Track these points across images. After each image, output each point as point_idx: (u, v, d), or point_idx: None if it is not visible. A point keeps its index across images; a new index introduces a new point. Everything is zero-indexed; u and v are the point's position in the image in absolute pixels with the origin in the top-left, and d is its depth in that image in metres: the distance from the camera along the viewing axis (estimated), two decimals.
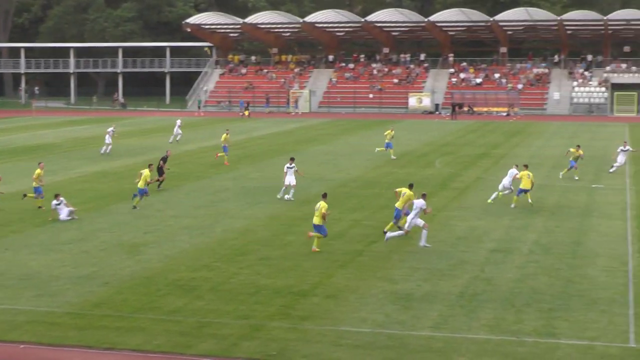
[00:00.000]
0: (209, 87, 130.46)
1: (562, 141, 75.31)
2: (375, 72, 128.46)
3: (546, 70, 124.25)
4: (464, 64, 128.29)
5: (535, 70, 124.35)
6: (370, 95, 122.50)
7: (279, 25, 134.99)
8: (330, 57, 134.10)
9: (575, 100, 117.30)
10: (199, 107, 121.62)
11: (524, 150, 67.73)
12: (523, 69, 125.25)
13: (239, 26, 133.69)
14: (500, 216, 39.02)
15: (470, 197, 44.90)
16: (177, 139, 73.67)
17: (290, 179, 43.78)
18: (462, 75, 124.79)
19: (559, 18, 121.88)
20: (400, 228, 33.93)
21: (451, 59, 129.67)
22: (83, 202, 42.58)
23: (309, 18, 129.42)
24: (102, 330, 22.92)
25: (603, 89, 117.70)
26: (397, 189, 35.10)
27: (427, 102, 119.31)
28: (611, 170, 53.14)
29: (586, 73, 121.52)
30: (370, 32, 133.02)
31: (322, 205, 32.49)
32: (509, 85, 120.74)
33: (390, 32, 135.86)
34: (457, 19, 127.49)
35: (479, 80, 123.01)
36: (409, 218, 33.18)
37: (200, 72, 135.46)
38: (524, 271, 29.31)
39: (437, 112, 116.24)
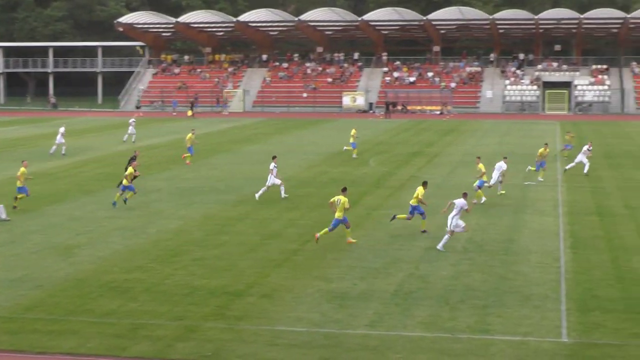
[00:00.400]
0: (142, 87, 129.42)
1: (494, 139, 76.10)
2: (309, 71, 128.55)
3: (479, 69, 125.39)
4: (398, 62, 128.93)
5: (468, 69, 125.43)
6: (304, 95, 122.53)
7: (212, 25, 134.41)
8: (264, 57, 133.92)
9: (507, 98, 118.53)
10: (137, 107, 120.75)
11: (457, 149, 68.24)
12: (456, 68, 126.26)
13: (171, 25, 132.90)
14: (434, 214, 39.12)
15: (404, 195, 44.98)
16: (133, 139, 72.72)
17: (274, 179, 43.69)
18: (395, 74, 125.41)
19: (491, 17, 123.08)
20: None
21: (385, 58, 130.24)
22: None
23: (243, 17, 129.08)
24: (34, 334, 22.58)
25: (535, 87, 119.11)
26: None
27: (361, 101, 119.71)
28: (585, 171, 52.22)
29: (518, 72, 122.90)
30: (304, 31, 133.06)
31: (342, 200, 32.88)
32: (442, 83, 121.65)
33: (323, 31, 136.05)
34: (390, 18, 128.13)
35: (412, 79, 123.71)
36: (450, 217, 32.42)
37: (133, 71, 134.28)
38: (458, 268, 29.51)
39: (371, 111, 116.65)
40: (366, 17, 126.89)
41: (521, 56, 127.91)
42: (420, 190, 34.64)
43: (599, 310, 24.67)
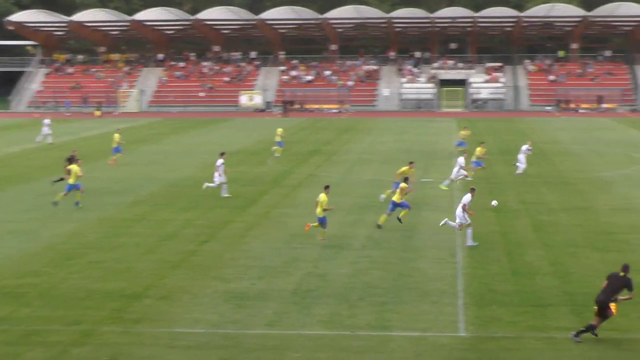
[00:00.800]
0: (34, 87, 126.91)
1: (391, 137, 76.67)
2: (205, 70, 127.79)
3: (376, 67, 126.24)
4: (295, 61, 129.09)
5: (365, 68, 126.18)
6: (202, 94, 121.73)
7: (106, 24, 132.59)
8: (160, 56, 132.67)
9: (404, 96, 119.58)
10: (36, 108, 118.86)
11: (354, 147, 68.52)
12: (353, 66, 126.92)
13: (64, 24, 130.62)
14: (331, 212, 39.21)
15: (302, 194, 45.05)
16: (48, 140, 71.04)
17: (220, 177, 43.76)
18: (293, 73, 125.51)
19: (387, 16, 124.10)
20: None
21: (282, 56, 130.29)
22: None
23: (138, 16, 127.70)
24: None
25: (431, 85, 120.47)
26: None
27: (258, 100, 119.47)
28: (518, 172, 51.99)
29: (415, 70, 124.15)
30: (201, 30, 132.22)
31: (322, 198, 33.22)
32: (340, 82, 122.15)
33: (220, 30, 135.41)
34: (287, 17, 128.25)
35: (309, 78, 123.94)
36: (458, 213, 33.03)
37: (25, 71, 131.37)
38: (357, 266, 29.58)
39: (268, 110, 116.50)
40: (263, 16, 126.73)
41: (417, 54, 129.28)
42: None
43: (495, 304, 25.01)
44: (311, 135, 78.87)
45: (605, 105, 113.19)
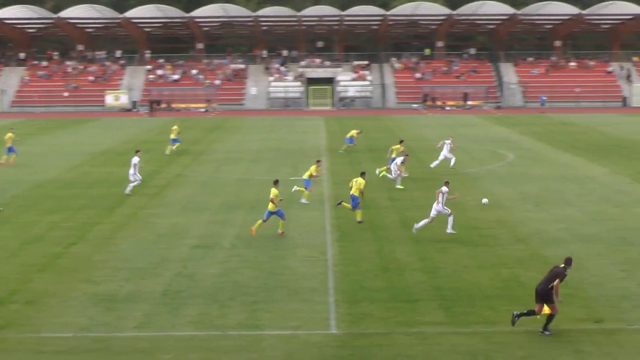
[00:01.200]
0: None
1: (259, 135, 76.64)
2: (70, 70, 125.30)
3: (243, 66, 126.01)
4: (161, 60, 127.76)
5: (232, 66, 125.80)
6: (66, 94, 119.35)
7: None
8: (22, 55, 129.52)
9: (272, 95, 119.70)
10: None
11: (222, 146, 68.22)
12: (220, 65, 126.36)
13: None
14: (200, 212, 39.04)
15: (170, 193, 44.62)
16: None
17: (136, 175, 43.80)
18: (159, 72, 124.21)
19: (254, 14, 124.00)
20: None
21: (148, 55, 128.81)
22: None
23: None
24: None
25: (298, 83, 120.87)
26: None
27: (124, 99, 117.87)
28: (451, 165, 52.97)
29: (282, 68, 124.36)
30: (64, 29, 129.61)
31: (274, 192, 33.61)
32: (207, 81, 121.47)
33: (84, 28, 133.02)
34: (152, 15, 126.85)
35: (176, 77, 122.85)
36: (440, 207, 33.68)
37: None
38: (227, 265, 29.44)
39: (134, 110, 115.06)
40: (128, 14, 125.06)
41: (285, 53, 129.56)
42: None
43: (366, 301, 25.20)
44: (179, 135, 77.99)
45: (470, 103, 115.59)
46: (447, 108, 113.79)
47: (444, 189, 34.13)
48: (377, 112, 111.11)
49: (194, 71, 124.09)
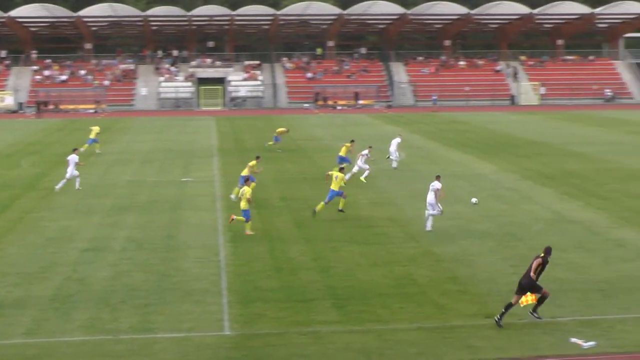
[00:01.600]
0: None
1: (150, 136, 76.01)
2: None
3: (133, 66, 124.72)
4: (48, 61, 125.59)
5: (122, 67, 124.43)
6: None
7: None
8: None
9: (162, 95, 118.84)
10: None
11: (112, 147, 67.25)
12: (109, 65, 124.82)
13: None
14: (91, 215, 38.45)
15: (59, 197, 43.80)
16: None
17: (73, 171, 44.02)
18: (46, 73, 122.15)
19: (143, 14, 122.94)
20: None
21: (34, 56, 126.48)
22: None
23: None
24: None
25: (189, 83, 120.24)
26: (328, 173, 37.07)
27: (10, 100, 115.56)
28: (394, 165, 53.36)
29: (172, 68, 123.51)
30: None
31: (246, 190, 33.70)
32: (96, 81, 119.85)
33: None
34: (38, 14, 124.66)
35: (64, 78, 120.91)
36: (430, 201, 34.38)
37: None
38: (118, 268, 29.02)
39: (21, 111, 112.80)
40: (13, 13, 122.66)
41: (175, 53, 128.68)
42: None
43: (260, 301, 25.11)
44: (67, 137, 76.78)
45: (361, 102, 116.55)
46: (339, 107, 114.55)
47: (438, 184, 34.52)
48: (269, 111, 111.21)
49: (83, 71, 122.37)
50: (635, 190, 44.72)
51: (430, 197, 34.62)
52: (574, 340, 21.78)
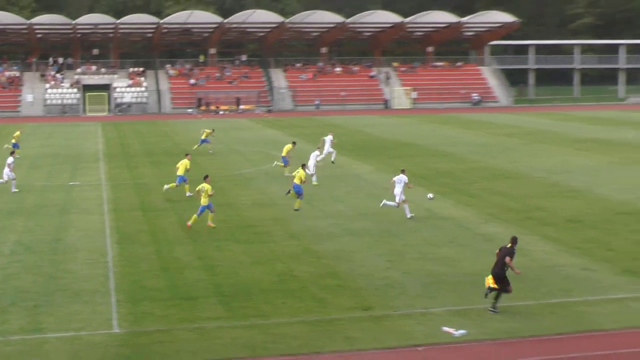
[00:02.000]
0: None
1: (38, 142, 75.28)
2: None
3: (18, 73, 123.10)
4: None
5: (7, 74, 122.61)
6: None
7: None
8: None
9: (48, 101, 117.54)
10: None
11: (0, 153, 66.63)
12: None
13: None
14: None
15: None
16: None
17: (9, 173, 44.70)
18: None
19: (28, 22, 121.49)
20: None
21: None
22: None
23: None
24: None
25: (75, 90, 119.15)
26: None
27: None
28: (332, 160, 57.11)
29: (58, 75, 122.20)
30: None
31: (206, 187, 35.34)
32: None
33: None
34: None
35: None
36: (398, 193, 37.76)
37: None
38: (7, 271, 29.28)
39: None
40: None
41: (60, 60, 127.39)
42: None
43: (147, 300, 25.75)
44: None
45: (243, 107, 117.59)
46: (221, 112, 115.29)
47: (405, 177, 37.86)
48: (154, 117, 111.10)
49: None
50: (500, 188, 46.81)
51: (398, 189, 37.69)
52: (446, 329, 23.06)
